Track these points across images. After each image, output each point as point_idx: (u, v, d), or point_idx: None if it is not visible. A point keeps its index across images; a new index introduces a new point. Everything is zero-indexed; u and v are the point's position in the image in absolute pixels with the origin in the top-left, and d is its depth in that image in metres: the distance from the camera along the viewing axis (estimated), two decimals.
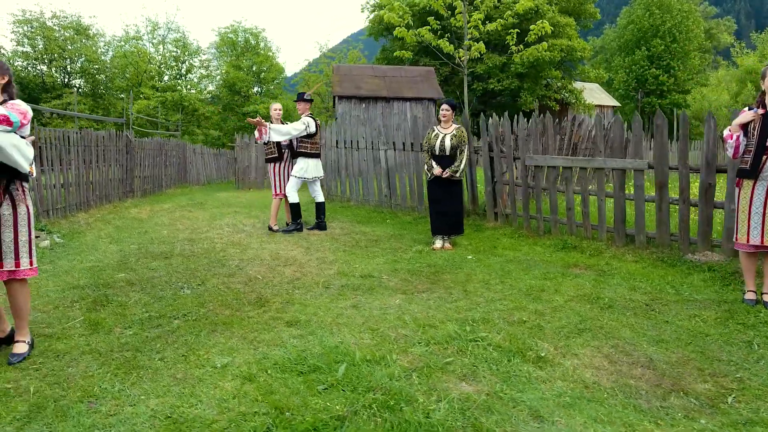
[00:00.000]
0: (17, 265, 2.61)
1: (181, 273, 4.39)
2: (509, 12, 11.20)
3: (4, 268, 2.59)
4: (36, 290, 3.76)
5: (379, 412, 2.07)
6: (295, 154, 6.27)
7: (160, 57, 27.09)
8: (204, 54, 28.88)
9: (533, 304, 3.55)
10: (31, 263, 2.68)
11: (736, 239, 3.43)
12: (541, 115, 6.17)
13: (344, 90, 17.02)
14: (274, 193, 6.50)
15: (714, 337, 3.04)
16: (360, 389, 2.26)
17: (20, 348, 2.65)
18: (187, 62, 27.76)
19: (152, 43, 27.24)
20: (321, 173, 6.43)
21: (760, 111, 3.26)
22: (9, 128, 2.41)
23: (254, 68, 28.48)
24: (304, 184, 6.43)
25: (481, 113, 28.83)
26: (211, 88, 29.91)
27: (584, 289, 3.85)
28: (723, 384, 2.49)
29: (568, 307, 3.51)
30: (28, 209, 2.68)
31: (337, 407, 2.09)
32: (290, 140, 6.29)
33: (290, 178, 6.25)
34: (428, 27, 10.23)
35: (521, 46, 12.41)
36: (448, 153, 5.17)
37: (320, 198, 6.48)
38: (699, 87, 14.93)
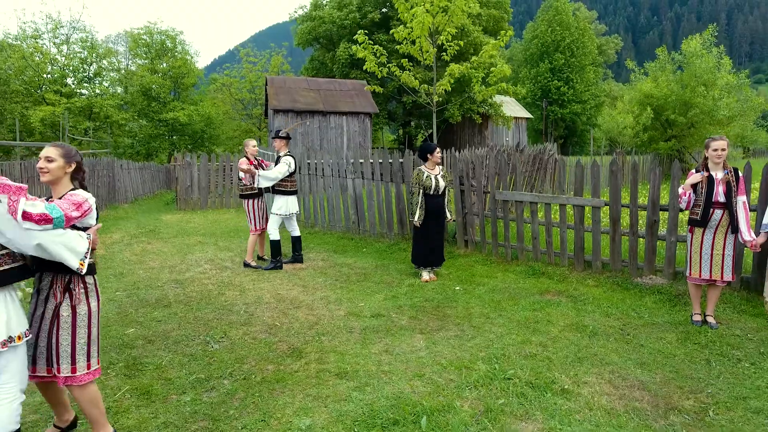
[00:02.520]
0: (73, 371, 2.45)
1: (193, 324, 4.45)
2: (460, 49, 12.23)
3: (61, 374, 2.44)
4: None
5: None
6: (274, 192, 6.38)
7: (63, 59, 24.84)
8: (115, 56, 26.93)
9: (535, 336, 4.15)
10: (89, 366, 2.51)
11: (690, 274, 4.28)
12: (508, 152, 6.87)
13: (281, 103, 16.96)
14: (253, 229, 6.59)
15: (680, 357, 3.81)
16: None
17: None
18: (95, 65, 25.72)
19: (54, 43, 24.90)
20: (297, 208, 6.62)
21: (705, 174, 4.13)
22: (49, 226, 2.19)
23: (171, 73, 27.10)
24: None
25: (416, 126, 29.72)
26: (119, 90, 27.94)
27: (569, 318, 4.54)
28: (701, 399, 3.21)
29: (563, 337, 4.15)
30: (89, 308, 2.53)
31: None
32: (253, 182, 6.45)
33: (271, 216, 6.38)
34: (408, 72, 10.90)
35: (453, 64, 13.37)
36: (441, 192, 5.69)
37: (296, 232, 6.66)
38: (608, 109, 17.07)
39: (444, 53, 11.19)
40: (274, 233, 6.34)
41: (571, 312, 4.69)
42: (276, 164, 6.34)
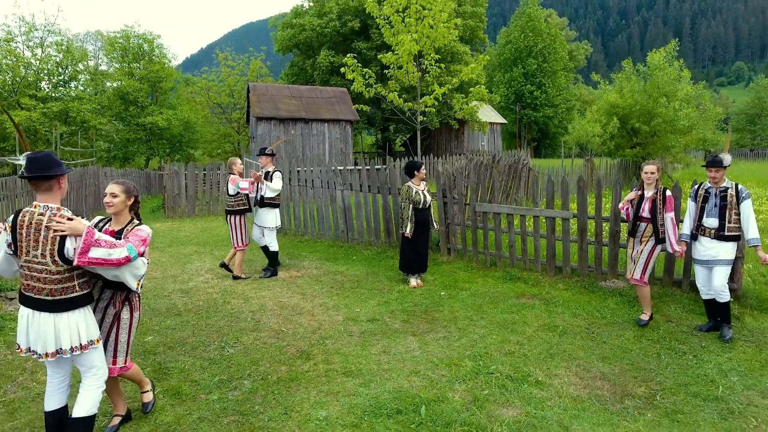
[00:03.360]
0: (125, 361, 3.14)
1: (206, 331, 4.89)
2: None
3: (117, 365, 3.09)
4: None
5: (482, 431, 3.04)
6: (266, 205, 6.77)
7: (38, 62, 24.51)
8: (91, 60, 26.68)
9: (512, 335, 4.74)
10: (125, 361, 3.14)
11: (629, 275, 5.00)
12: (489, 166, 7.47)
13: (263, 111, 17.29)
14: (241, 245, 6.70)
15: (636, 351, 4.45)
16: (441, 424, 3.21)
17: (147, 397, 3.42)
18: (70, 68, 25.45)
19: (28, 47, 24.55)
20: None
21: (639, 192, 4.87)
22: (129, 263, 2.77)
23: (149, 77, 27.01)
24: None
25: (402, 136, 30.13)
26: (88, 90, 27.62)
27: (542, 319, 5.15)
28: (651, 386, 3.84)
29: (537, 336, 4.75)
30: (138, 314, 3.20)
31: None
32: (256, 193, 6.81)
33: (270, 229, 6.80)
34: (395, 92, 11.59)
35: (436, 86, 14.07)
36: (428, 206, 6.27)
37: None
38: (578, 119, 18.04)
39: (427, 74, 11.84)
40: (275, 245, 6.79)
41: (544, 314, 5.31)
42: (267, 179, 6.73)
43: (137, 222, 3.11)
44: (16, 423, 3.31)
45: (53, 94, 24.10)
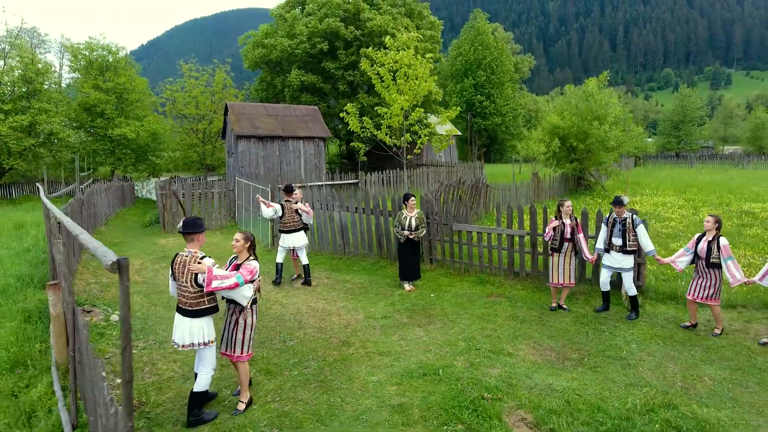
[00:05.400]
0: (241, 352, 4.66)
1: (265, 331, 6.50)
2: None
3: (235, 354, 4.65)
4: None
5: (477, 382, 4.91)
6: (304, 229, 8.52)
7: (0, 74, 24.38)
8: (55, 72, 26.69)
9: (488, 324, 6.68)
10: (242, 351, 4.65)
11: (551, 281, 7.12)
12: (459, 191, 9.42)
13: (243, 129, 18.60)
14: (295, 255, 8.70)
15: (572, 331, 6.50)
16: (453, 379, 5.06)
17: (239, 406, 4.61)
18: (35, 82, 25.44)
19: None
20: None
21: (559, 221, 7.01)
22: (238, 287, 4.43)
23: (116, 89, 27.37)
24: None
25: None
26: (57, 103, 27.65)
27: (508, 312, 7.13)
28: (581, 353, 5.87)
29: (506, 324, 6.71)
30: (252, 321, 4.67)
31: (455, 390, 4.87)
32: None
33: (302, 247, 8.47)
34: (383, 131, 13.77)
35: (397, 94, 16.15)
36: (413, 229, 8.09)
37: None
38: (525, 140, 20.49)
39: (409, 119, 14.09)
40: (306, 258, 8.52)
41: (509, 308, 7.30)
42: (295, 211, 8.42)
43: (252, 258, 4.75)
44: (165, 396, 4.87)
45: (18, 106, 24.08)
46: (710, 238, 6.18)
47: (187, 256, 4.34)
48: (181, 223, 4.46)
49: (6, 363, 4.78)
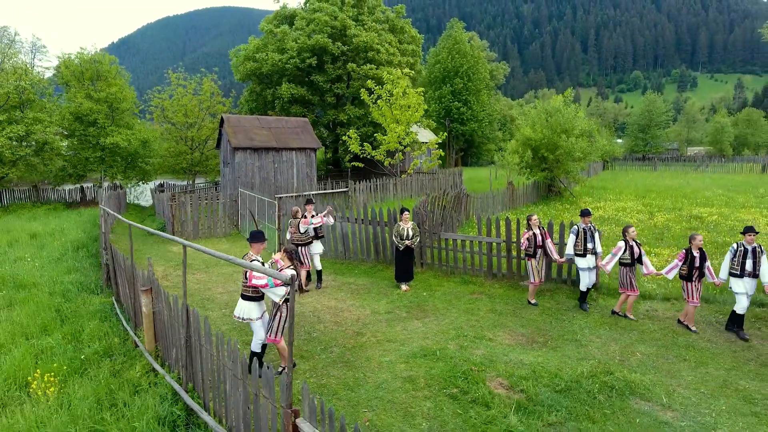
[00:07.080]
0: (275, 337, 6.11)
1: None
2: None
3: (269, 336, 6.10)
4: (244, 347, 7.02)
5: (466, 360, 6.44)
6: (317, 238, 9.88)
7: None
8: (48, 82, 27.29)
9: (473, 317, 8.23)
10: (274, 336, 6.13)
11: (532, 281, 8.72)
12: (449, 204, 10.97)
13: (239, 141, 19.83)
14: (308, 266, 9.88)
15: (540, 321, 8.10)
16: (448, 358, 6.57)
17: (279, 369, 6.26)
18: (27, 91, 26.04)
19: None
20: None
21: (531, 232, 8.61)
22: (268, 288, 5.94)
23: (108, 98, 28.13)
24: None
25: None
26: (51, 112, 28.28)
27: (488, 306, 8.70)
28: (547, 337, 7.46)
29: (487, 317, 8.28)
30: (286, 312, 6.14)
31: (449, 365, 6.39)
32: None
33: (316, 255, 9.83)
34: (381, 151, 15.66)
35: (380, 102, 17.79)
36: (409, 238, 9.60)
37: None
38: (494, 152, 22.31)
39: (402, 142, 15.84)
40: (320, 265, 9.88)
41: (489, 303, 8.87)
42: (313, 219, 9.78)
43: (290, 266, 6.18)
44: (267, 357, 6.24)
45: (14, 115, 24.71)
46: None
47: (247, 257, 5.80)
48: (248, 234, 5.94)
49: (101, 352, 6.10)
